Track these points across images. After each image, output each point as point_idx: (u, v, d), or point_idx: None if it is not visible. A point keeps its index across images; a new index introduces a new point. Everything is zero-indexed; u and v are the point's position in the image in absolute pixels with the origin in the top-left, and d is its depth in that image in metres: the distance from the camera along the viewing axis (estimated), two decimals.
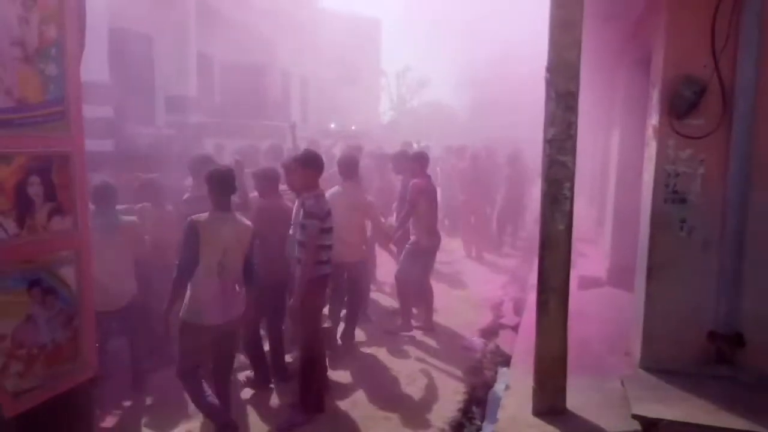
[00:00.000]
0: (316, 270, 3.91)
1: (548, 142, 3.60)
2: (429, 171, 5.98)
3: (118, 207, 4.39)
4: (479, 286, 7.54)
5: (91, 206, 4.09)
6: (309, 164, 4.04)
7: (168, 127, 10.08)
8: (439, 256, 6.38)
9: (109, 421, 3.97)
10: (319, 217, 3.86)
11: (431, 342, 5.52)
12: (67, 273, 2.86)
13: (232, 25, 12.68)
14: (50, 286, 2.77)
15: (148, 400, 4.26)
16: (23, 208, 2.62)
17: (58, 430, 2.97)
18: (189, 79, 10.94)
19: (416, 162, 5.86)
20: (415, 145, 11.34)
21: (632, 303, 4.71)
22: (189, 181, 5.20)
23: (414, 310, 5.86)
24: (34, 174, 2.67)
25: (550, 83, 3.56)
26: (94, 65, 7.46)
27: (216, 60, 13.57)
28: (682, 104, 3.75)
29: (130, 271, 4.26)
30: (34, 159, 2.68)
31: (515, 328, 5.79)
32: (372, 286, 6.49)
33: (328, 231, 3.98)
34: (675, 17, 3.84)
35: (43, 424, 2.89)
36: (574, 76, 3.53)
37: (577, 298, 5.62)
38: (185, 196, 4.86)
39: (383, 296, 6.97)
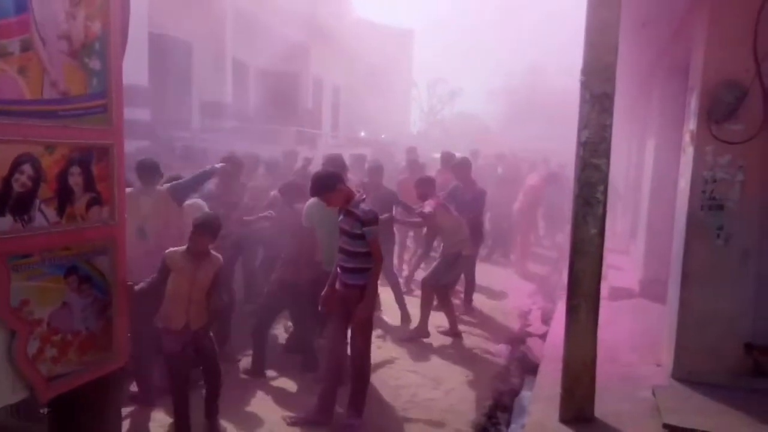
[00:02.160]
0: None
1: (582, 144, 3.56)
2: None
3: None
4: (507, 294, 7.46)
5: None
6: (334, 183, 3.82)
7: (203, 131, 10.30)
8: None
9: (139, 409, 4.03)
10: (376, 222, 3.73)
11: (457, 348, 5.47)
12: (103, 263, 2.93)
13: (268, 33, 12.92)
14: (86, 274, 2.84)
15: None
16: (64, 196, 2.70)
17: (88, 416, 3.04)
18: (225, 85, 11.18)
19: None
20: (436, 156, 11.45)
21: (665, 314, 4.59)
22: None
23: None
24: (75, 164, 2.75)
25: (585, 85, 3.52)
26: (133, 69, 7.68)
27: (251, 67, 13.82)
28: (721, 109, 3.67)
29: None
30: (76, 150, 2.76)
31: (543, 337, 5.70)
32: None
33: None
34: (717, 21, 3.77)
35: (74, 409, 2.96)
36: (610, 78, 3.48)
37: (608, 308, 5.52)
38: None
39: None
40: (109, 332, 2.99)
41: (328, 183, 3.76)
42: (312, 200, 4.47)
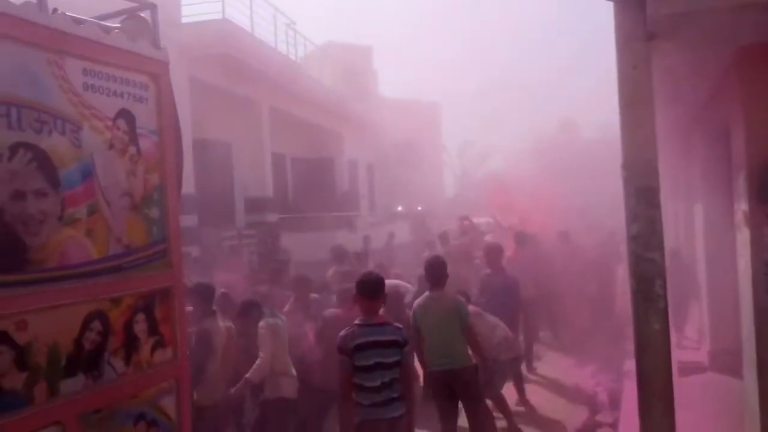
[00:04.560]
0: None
1: (633, 239, 3.49)
2: None
3: None
4: (567, 376, 7.15)
5: None
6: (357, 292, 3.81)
7: (248, 227, 10.60)
8: None
9: None
10: (345, 352, 3.58)
11: None
12: (169, 404, 2.97)
13: (301, 124, 13.47)
14: (153, 419, 2.88)
15: None
16: (130, 346, 2.79)
17: None
18: (265, 180, 11.58)
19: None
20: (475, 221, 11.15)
21: (744, 396, 4.32)
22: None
23: None
24: (140, 312, 2.86)
25: (628, 181, 3.50)
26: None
27: (288, 158, 14.34)
28: None
29: None
30: (140, 298, 2.87)
31: (614, 425, 5.40)
32: None
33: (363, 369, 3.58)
34: (751, 100, 3.75)
35: None
36: (653, 173, 3.45)
37: (679, 387, 5.16)
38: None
39: None
40: None
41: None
42: (418, 300, 4.70)
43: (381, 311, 3.83)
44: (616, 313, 9.88)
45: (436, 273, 4.70)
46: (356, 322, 3.67)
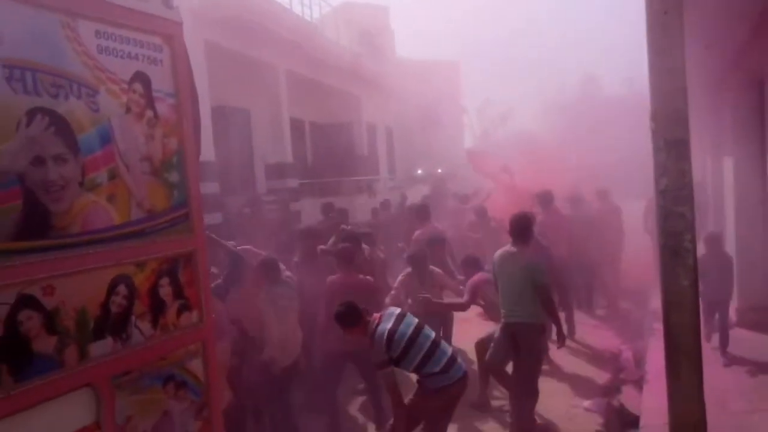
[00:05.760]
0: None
1: (661, 193, 3.39)
2: None
3: None
4: (591, 335, 7.12)
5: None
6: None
7: (268, 193, 10.63)
8: None
9: None
10: (387, 362, 3.69)
11: (550, 403, 5.22)
12: (196, 365, 3.02)
13: (319, 88, 13.30)
14: (182, 380, 2.92)
15: None
16: (156, 309, 2.81)
17: None
18: (284, 146, 11.52)
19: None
20: None
21: None
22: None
23: None
24: (164, 276, 2.87)
25: (657, 133, 3.37)
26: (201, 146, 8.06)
27: (306, 123, 14.23)
28: None
29: None
30: (164, 262, 2.87)
31: (638, 383, 5.37)
32: None
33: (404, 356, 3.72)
34: None
35: None
36: (683, 123, 3.32)
37: (707, 343, 5.15)
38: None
39: None
40: None
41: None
42: (499, 252, 4.85)
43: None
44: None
45: (519, 227, 4.77)
46: (370, 337, 3.74)
